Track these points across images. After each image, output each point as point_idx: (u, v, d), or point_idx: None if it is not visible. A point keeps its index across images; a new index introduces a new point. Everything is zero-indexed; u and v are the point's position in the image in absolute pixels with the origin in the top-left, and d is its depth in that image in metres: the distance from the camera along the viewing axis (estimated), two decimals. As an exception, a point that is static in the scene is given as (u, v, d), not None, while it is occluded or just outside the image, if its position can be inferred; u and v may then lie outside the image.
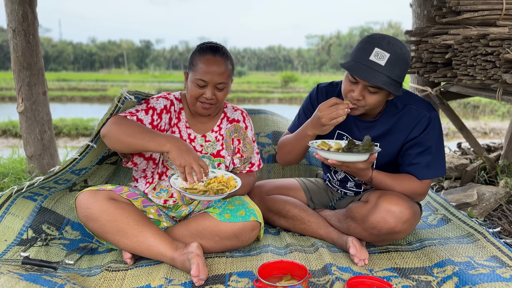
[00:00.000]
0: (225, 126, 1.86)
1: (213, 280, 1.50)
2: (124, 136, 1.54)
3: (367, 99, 1.54)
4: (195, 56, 1.70)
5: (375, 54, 1.47)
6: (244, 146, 1.86)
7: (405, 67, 1.52)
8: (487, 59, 2.08)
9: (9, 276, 1.34)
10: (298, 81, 24.19)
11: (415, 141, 1.65)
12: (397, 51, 1.48)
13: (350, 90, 1.56)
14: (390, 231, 1.58)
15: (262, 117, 2.65)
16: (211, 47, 1.70)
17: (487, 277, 1.43)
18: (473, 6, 2.43)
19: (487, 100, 10.93)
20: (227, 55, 1.72)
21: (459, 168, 3.05)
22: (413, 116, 1.64)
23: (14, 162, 3.29)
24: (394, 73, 1.49)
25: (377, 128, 1.69)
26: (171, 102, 1.78)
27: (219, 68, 1.66)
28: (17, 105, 2.62)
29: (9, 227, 1.78)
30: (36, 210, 1.92)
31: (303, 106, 1.88)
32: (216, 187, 1.57)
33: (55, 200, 2.05)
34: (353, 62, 1.52)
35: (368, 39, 1.52)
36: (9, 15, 2.53)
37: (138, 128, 1.56)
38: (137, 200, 1.71)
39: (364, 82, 1.50)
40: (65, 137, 7.28)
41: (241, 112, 1.90)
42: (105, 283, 1.48)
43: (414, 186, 1.66)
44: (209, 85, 1.66)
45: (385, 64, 1.47)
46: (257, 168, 1.93)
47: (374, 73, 1.47)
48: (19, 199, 1.88)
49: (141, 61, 61.79)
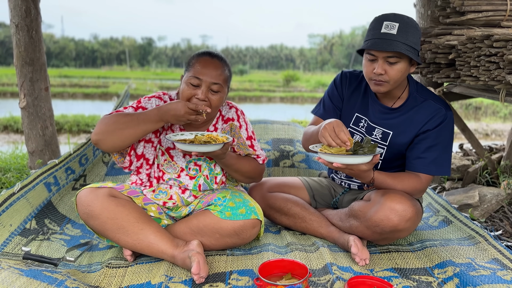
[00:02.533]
0: (221, 126, 1.82)
1: (214, 278, 1.50)
2: (118, 130, 1.55)
3: (389, 73, 1.59)
4: (192, 59, 1.69)
5: (385, 26, 1.57)
6: (237, 145, 1.81)
7: (416, 33, 1.60)
8: (491, 60, 2.07)
9: (9, 271, 1.34)
10: (299, 80, 24.17)
11: (427, 135, 1.68)
12: (405, 19, 1.58)
13: (372, 69, 1.62)
14: (393, 229, 1.59)
15: (262, 126, 2.82)
16: (210, 52, 1.70)
17: (488, 279, 1.42)
18: (477, 7, 2.42)
19: (489, 102, 10.91)
20: (225, 61, 1.71)
21: (461, 169, 3.05)
22: (430, 110, 1.69)
23: (16, 158, 3.29)
24: (408, 39, 1.56)
25: (394, 116, 1.74)
26: (165, 102, 1.73)
27: (215, 68, 1.63)
28: (19, 100, 2.62)
29: (19, 211, 1.85)
30: (45, 202, 2.00)
31: (328, 91, 1.93)
32: (204, 139, 1.58)
33: (61, 196, 2.11)
34: (367, 41, 1.61)
35: (375, 18, 1.63)
36: (12, 10, 2.53)
37: (127, 117, 1.56)
38: (138, 197, 1.71)
39: (382, 53, 1.57)
40: (66, 133, 7.28)
41: (235, 110, 1.85)
42: (105, 279, 1.48)
43: (414, 183, 1.67)
44: (203, 85, 1.61)
45: (397, 32, 1.55)
46: (262, 161, 1.86)
47: (389, 42, 1.55)
48: (40, 185, 2.01)
49: (143, 58, 61.77)
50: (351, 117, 1.84)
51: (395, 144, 1.73)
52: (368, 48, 1.59)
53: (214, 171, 1.80)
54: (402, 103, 1.73)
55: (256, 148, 1.85)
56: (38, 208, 1.94)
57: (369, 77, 1.65)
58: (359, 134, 1.82)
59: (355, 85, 1.85)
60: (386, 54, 1.56)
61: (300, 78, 25.21)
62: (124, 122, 1.56)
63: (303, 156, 2.62)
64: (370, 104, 1.79)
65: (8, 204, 1.81)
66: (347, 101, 1.86)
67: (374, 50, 1.58)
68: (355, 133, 1.84)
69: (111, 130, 1.55)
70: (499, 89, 2.14)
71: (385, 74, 1.59)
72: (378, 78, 1.61)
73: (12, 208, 1.82)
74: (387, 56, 1.57)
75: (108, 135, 1.56)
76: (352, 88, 1.85)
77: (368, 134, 1.79)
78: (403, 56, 1.57)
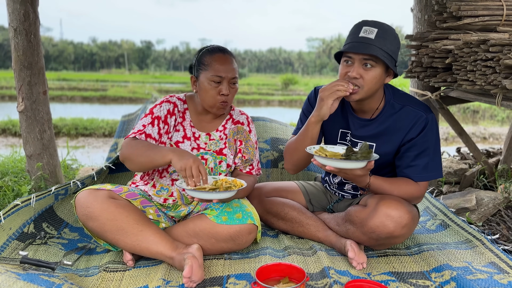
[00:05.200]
0: (230, 126, 1.90)
1: (211, 282, 1.50)
2: (136, 157, 1.61)
3: (364, 77, 1.57)
4: (205, 57, 1.75)
5: (364, 30, 1.56)
6: (246, 148, 1.89)
7: (394, 41, 1.59)
8: (487, 65, 2.09)
9: (6, 275, 1.33)
10: (298, 84, 24.20)
11: (413, 143, 1.65)
12: (384, 26, 1.58)
13: (346, 72, 1.60)
14: (389, 235, 1.59)
15: (260, 124, 2.73)
16: (218, 47, 1.79)
17: (485, 283, 1.43)
18: (474, 12, 2.44)
19: (487, 105, 10.95)
20: (232, 53, 1.81)
21: (458, 173, 3.06)
22: (410, 117, 1.65)
23: (14, 161, 3.29)
24: (385, 46, 1.55)
25: (374, 127, 1.71)
26: (174, 104, 1.81)
27: (231, 64, 1.74)
28: (17, 104, 2.62)
29: (21, 215, 1.83)
30: (47, 207, 1.98)
31: (303, 109, 1.90)
32: (225, 185, 1.61)
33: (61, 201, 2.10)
34: (345, 45, 1.61)
35: (355, 24, 1.63)
36: (11, 14, 2.54)
37: (145, 147, 1.61)
38: (136, 200, 1.71)
39: (358, 56, 1.55)
40: (64, 137, 7.28)
41: (246, 117, 1.95)
42: (103, 283, 1.48)
43: (411, 190, 1.66)
44: (225, 81, 1.72)
45: (374, 37, 1.54)
46: (256, 172, 1.94)
47: (366, 45, 1.54)
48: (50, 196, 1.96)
49: (141, 62, 61.82)
50: (336, 133, 1.82)
51: (381, 154, 1.68)
52: (345, 49, 1.57)
53: (218, 168, 1.85)
54: (379, 112, 1.70)
55: (256, 156, 1.93)
56: (39, 212, 1.94)
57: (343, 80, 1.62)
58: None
59: None
60: (362, 56, 1.54)
61: (299, 82, 25.23)
62: (146, 156, 1.60)
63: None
64: (350, 119, 1.77)
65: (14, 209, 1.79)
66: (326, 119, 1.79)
67: (351, 52, 1.56)
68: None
69: (133, 160, 1.62)
70: (496, 94, 2.15)
71: (360, 78, 1.57)
72: (352, 81, 1.58)
73: (17, 213, 1.81)
74: (363, 59, 1.55)
75: (131, 162, 1.63)
76: None
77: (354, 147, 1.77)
78: (379, 61, 1.55)
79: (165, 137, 1.78)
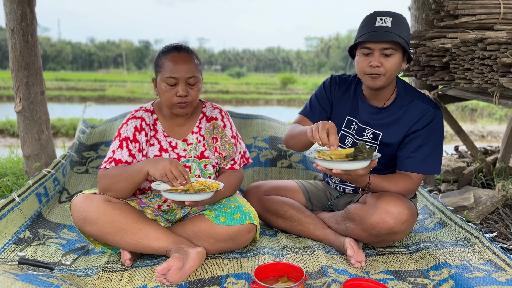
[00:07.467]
0: (204, 125, 1.81)
1: (209, 281, 1.50)
2: (114, 185, 1.59)
3: (385, 65, 1.61)
4: (160, 58, 1.67)
5: (379, 20, 1.61)
6: (222, 144, 1.79)
7: (407, 29, 1.65)
8: (485, 63, 2.09)
9: (5, 276, 1.33)
10: (297, 83, 24.18)
11: (417, 134, 1.69)
12: (397, 15, 1.63)
13: (367, 63, 1.63)
14: (389, 232, 1.59)
15: (259, 122, 2.71)
16: (174, 46, 1.69)
17: (483, 281, 1.43)
18: (471, 10, 2.44)
19: (485, 104, 10.96)
20: (191, 51, 1.70)
21: (456, 171, 3.06)
22: (419, 110, 1.70)
23: (12, 162, 3.28)
24: (401, 33, 1.60)
25: (384, 116, 1.75)
26: (141, 118, 1.73)
27: (186, 63, 1.63)
28: (15, 104, 2.62)
29: (13, 221, 1.85)
30: (36, 214, 2.02)
31: (316, 93, 1.94)
32: (198, 187, 1.55)
33: (49, 209, 2.14)
34: (361, 36, 1.63)
35: (366, 16, 1.67)
36: (8, 15, 2.53)
37: (119, 172, 1.59)
38: (133, 201, 1.71)
39: (379, 45, 1.59)
40: (62, 137, 7.26)
41: (219, 110, 1.84)
42: (101, 283, 1.48)
43: (407, 184, 1.69)
44: (180, 82, 1.61)
45: (391, 25, 1.59)
46: (239, 166, 1.84)
47: (385, 33, 1.58)
48: (31, 196, 2.03)
49: (139, 62, 61.65)
50: (342, 120, 1.85)
51: (386, 144, 1.73)
52: (365, 40, 1.60)
53: (205, 172, 1.79)
54: (391, 102, 1.74)
55: (239, 148, 1.84)
56: (30, 220, 1.97)
57: (364, 71, 1.65)
58: (350, 136, 1.83)
59: (344, 88, 1.86)
60: (382, 45, 1.58)
61: (297, 81, 25.22)
62: (124, 179, 1.58)
63: (300, 156, 2.62)
64: (360, 106, 1.80)
65: (2, 214, 1.82)
66: (336, 105, 1.87)
67: (371, 43, 1.59)
68: (347, 136, 1.85)
69: (113, 188, 1.60)
70: (493, 92, 2.16)
71: (381, 66, 1.61)
72: (374, 71, 1.61)
73: (6, 218, 1.83)
74: (383, 48, 1.59)
75: (112, 192, 1.61)
76: (342, 91, 1.86)
77: (358, 135, 1.80)
78: (398, 48, 1.60)
79: (140, 155, 1.70)
